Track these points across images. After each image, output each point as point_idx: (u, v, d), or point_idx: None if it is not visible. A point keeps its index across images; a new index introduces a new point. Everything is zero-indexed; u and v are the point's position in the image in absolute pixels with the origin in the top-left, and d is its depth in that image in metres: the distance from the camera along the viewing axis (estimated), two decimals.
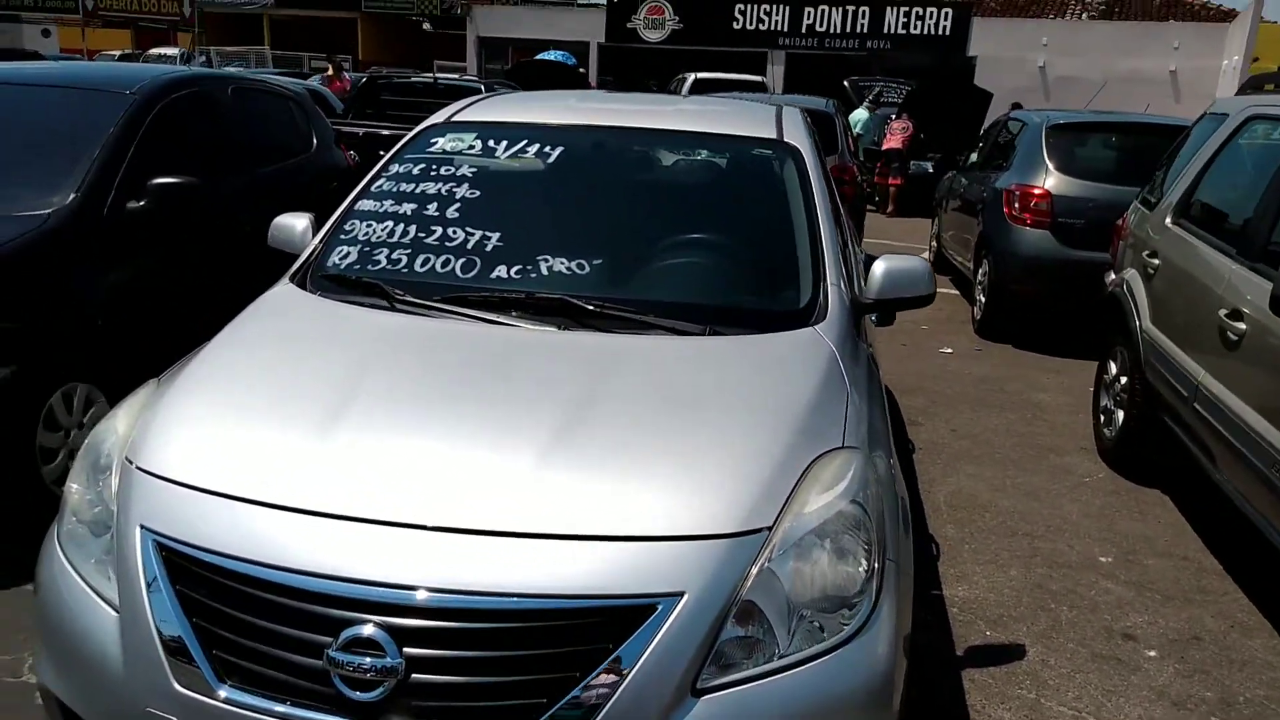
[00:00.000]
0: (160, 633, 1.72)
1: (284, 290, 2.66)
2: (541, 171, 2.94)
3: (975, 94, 14.99)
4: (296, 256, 3.02)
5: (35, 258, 3.52)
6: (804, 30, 24.24)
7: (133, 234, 3.95)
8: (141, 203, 3.97)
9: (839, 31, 24.00)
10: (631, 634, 1.62)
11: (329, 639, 1.63)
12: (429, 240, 2.70)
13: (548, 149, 2.96)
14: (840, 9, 23.99)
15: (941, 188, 9.99)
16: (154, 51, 33.49)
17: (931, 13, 23.37)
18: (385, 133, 8.60)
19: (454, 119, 3.21)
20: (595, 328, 2.38)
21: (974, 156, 9.11)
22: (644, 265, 2.71)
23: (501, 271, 2.59)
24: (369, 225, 2.81)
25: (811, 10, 24.22)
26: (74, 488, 2.04)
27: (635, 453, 1.89)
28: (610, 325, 2.38)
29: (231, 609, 1.70)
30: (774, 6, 24.46)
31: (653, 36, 25.37)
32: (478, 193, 2.84)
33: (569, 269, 2.58)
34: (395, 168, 3.02)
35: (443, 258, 2.65)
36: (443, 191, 2.86)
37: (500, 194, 2.90)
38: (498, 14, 29.47)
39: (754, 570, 1.71)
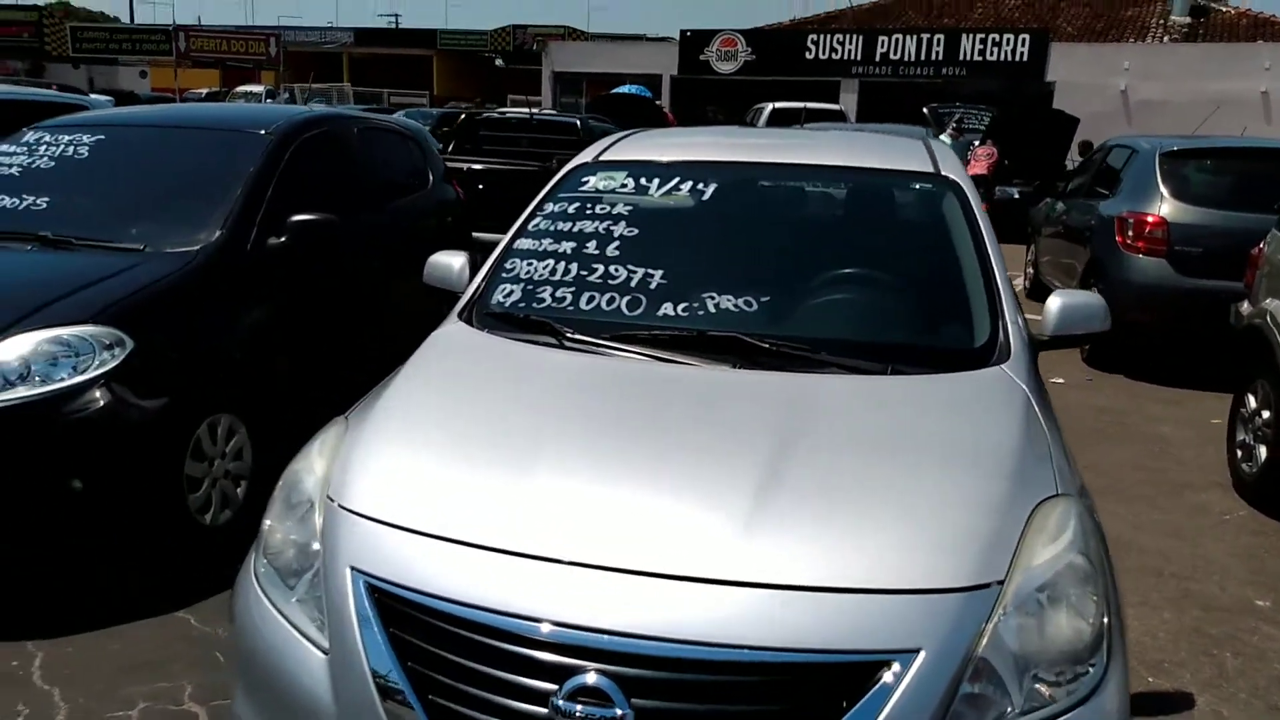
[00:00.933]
0: (374, 676, 1.71)
1: (455, 328, 2.68)
2: (697, 208, 2.93)
3: (1062, 120, 14.72)
4: (451, 293, 3.07)
5: (187, 293, 3.62)
6: (877, 59, 24.13)
7: (272, 270, 4.04)
8: (282, 239, 4.07)
9: (913, 59, 23.85)
10: (865, 692, 1.57)
11: (553, 687, 1.61)
12: (592, 278, 2.71)
13: (700, 186, 2.96)
14: (915, 37, 23.86)
15: (1037, 214, 9.79)
16: (240, 89, 34.74)
17: (1008, 39, 23.09)
18: (478, 167, 8.73)
19: (602, 158, 3.23)
20: (769, 366, 2.35)
21: (1073, 183, 8.92)
22: (810, 302, 2.67)
23: (668, 309, 2.58)
24: (530, 264, 2.82)
25: (885, 39, 24.13)
26: (273, 526, 2.06)
27: (851, 501, 1.84)
28: (785, 364, 2.35)
29: (448, 653, 1.68)
30: (847, 36, 24.44)
31: (725, 68, 25.51)
32: (636, 230, 2.84)
33: (736, 306, 2.56)
34: (550, 206, 3.04)
35: (607, 295, 2.65)
36: (600, 230, 2.87)
37: (658, 231, 2.90)
38: (572, 50, 29.98)
39: (988, 626, 1.65)
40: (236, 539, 3.75)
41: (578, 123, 9.11)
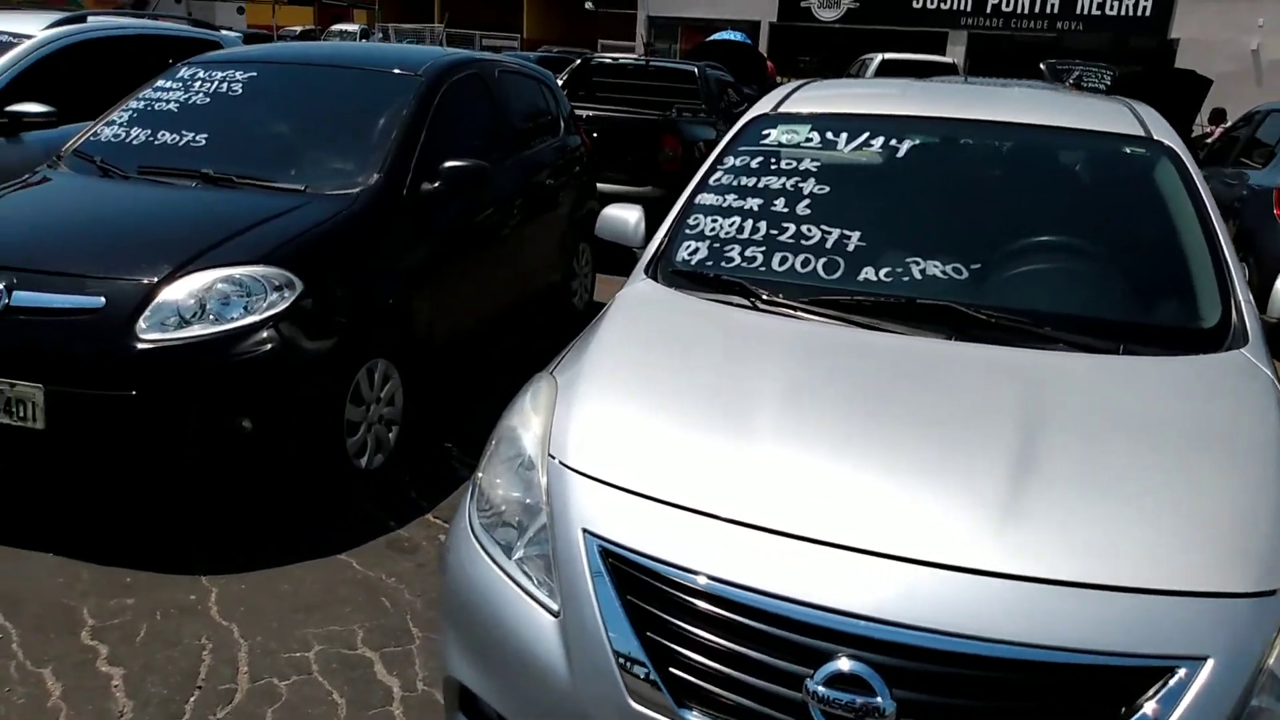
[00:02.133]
0: (612, 645, 1.68)
1: (645, 286, 2.61)
2: (890, 166, 2.80)
3: (1193, 80, 13.93)
4: (624, 247, 3.01)
5: (348, 236, 3.62)
6: (988, 10, 23.19)
7: (425, 215, 4.02)
8: (435, 184, 4.04)
9: (1026, 12, 22.85)
10: (1147, 699, 1.47)
11: (808, 670, 1.55)
12: (783, 238, 2.61)
13: (894, 142, 2.82)
14: None
15: None
16: (335, 28, 34.98)
17: None
18: (593, 115, 8.59)
19: (782, 110, 3.10)
20: (988, 339, 2.23)
21: (1209, 150, 8.44)
22: (1021, 271, 2.53)
23: (869, 273, 2.47)
24: (714, 220, 2.73)
25: None
26: (491, 481, 2.03)
27: (1115, 492, 1.73)
28: (1005, 337, 2.23)
29: (691, 626, 1.63)
30: None
31: (827, 16, 24.79)
32: (826, 188, 2.73)
33: (943, 273, 2.44)
34: (731, 160, 2.94)
35: (801, 256, 2.55)
36: (787, 186, 2.76)
37: (850, 189, 2.78)
38: None
39: (1277, 637, 1.53)
40: (388, 483, 3.80)
41: (695, 71, 8.91)
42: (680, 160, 7.60)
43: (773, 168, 2.84)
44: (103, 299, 3.09)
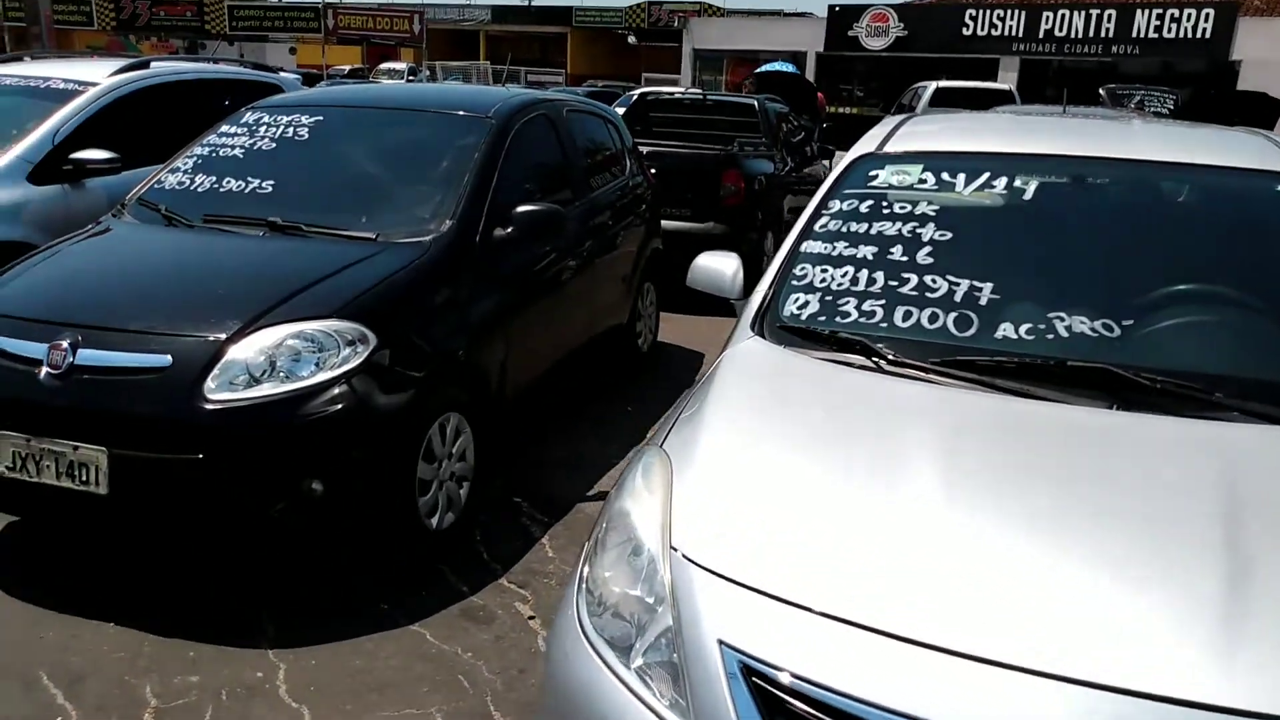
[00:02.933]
0: None
1: (754, 345, 2.39)
2: (1017, 209, 2.57)
3: (1265, 103, 13.49)
4: (722, 298, 2.81)
5: (422, 287, 3.46)
6: (1040, 35, 22.81)
7: (497, 262, 3.85)
8: (508, 230, 3.87)
9: (1080, 36, 22.43)
10: None
11: None
12: (904, 290, 2.38)
13: (1018, 182, 2.59)
14: (1083, 12, 22.41)
15: None
16: (383, 66, 35.56)
17: (1189, 14, 21.44)
18: (652, 150, 8.43)
19: (887, 149, 2.88)
20: (1154, 408, 1.97)
21: None
22: (1177, 324, 2.27)
23: (1007, 330, 2.23)
24: (824, 270, 2.51)
25: (1050, 14, 22.76)
26: (604, 576, 1.81)
27: None
28: (1173, 406, 1.97)
29: None
30: (1009, 11, 23.15)
31: (875, 44, 24.58)
32: (948, 234, 2.50)
33: (1092, 329, 2.19)
34: (836, 204, 2.72)
35: (927, 311, 2.31)
36: (904, 232, 2.53)
37: (976, 236, 2.55)
38: (713, 26, 29.41)
39: None
40: (458, 544, 3.60)
41: (755, 104, 8.73)
42: (743, 195, 7.41)
43: (885, 212, 2.62)
44: (169, 357, 2.94)
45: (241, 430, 2.89)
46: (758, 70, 18.49)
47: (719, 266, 2.79)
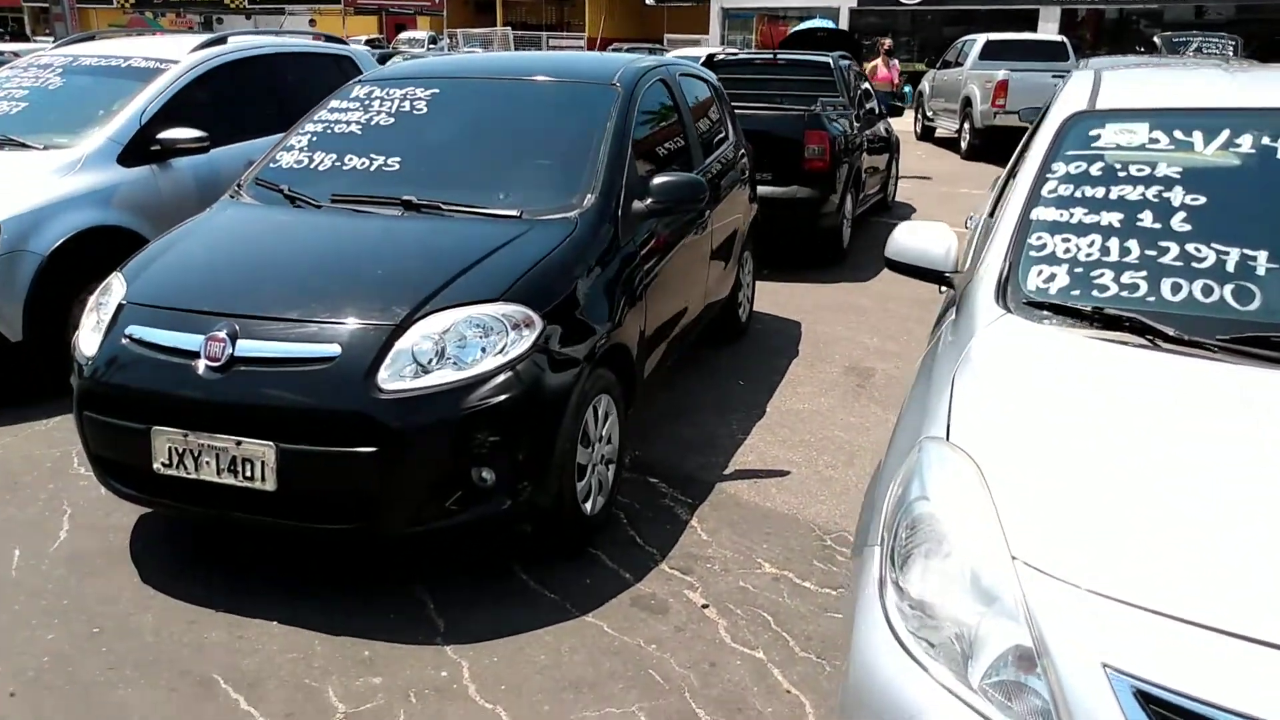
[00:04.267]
0: None
1: (1012, 323, 2.20)
2: (1271, 168, 2.36)
3: None
4: (920, 269, 2.63)
5: (574, 266, 3.29)
6: None
7: (637, 236, 3.67)
8: (646, 202, 3.69)
9: None
10: None
11: None
12: (1166, 260, 2.19)
13: (1269, 140, 2.38)
14: None
15: None
16: (404, 35, 35.15)
17: None
18: None
19: (1102, 107, 2.68)
20: None
21: None
22: None
23: None
24: (1065, 240, 2.33)
25: None
26: (925, 585, 1.65)
27: None
28: None
29: None
30: None
31: None
32: (1201, 198, 2.31)
33: None
34: (1061, 167, 2.52)
35: (1199, 283, 2.13)
36: (1149, 196, 2.34)
37: (1233, 198, 2.35)
38: None
39: None
40: (610, 528, 3.47)
41: (830, 62, 8.45)
42: (828, 157, 7.18)
43: (1120, 175, 2.43)
44: (338, 347, 2.80)
45: (418, 421, 2.76)
46: (796, 29, 18.11)
47: (928, 239, 2.60)
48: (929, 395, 2.10)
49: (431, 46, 31.87)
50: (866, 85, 9.68)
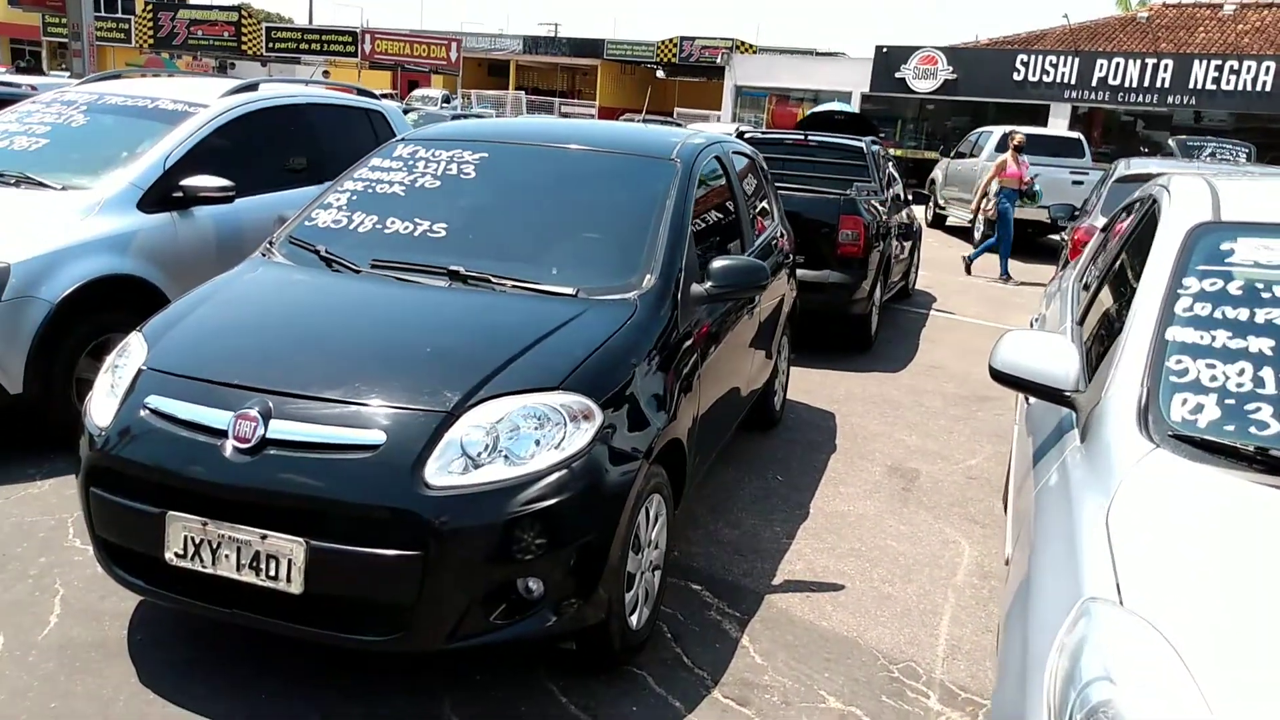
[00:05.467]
0: None
1: (1166, 463, 1.94)
2: None
3: None
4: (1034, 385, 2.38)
5: (635, 353, 3.03)
6: (1094, 83, 22.53)
7: (690, 321, 3.42)
8: (707, 286, 3.46)
9: (1135, 85, 22.14)
10: None
11: None
12: None
13: None
14: (1138, 61, 22.15)
15: None
16: (417, 93, 35.45)
17: (1249, 66, 21.14)
18: None
19: (1227, 218, 2.49)
20: None
21: None
22: None
23: None
24: (1210, 366, 2.10)
25: (1104, 62, 22.49)
26: None
27: None
28: None
29: None
30: (1060, 58, 22.89)
31: (923, 87, 24.33)
32: None
33: None
34: (1195, 284, 2.30)
35: None
36: None
37: None
38: (756, 63, 29.18)
39: None
40: (653, 643, 3.15)
41: (863, 147, 8.35)
42: (862, 243, 7.01)
43: (1265, 296, 2.20)
44: (382, 434, 2.52)
45: (468, 523, 2.47)
46: (814, 110, 18.23)
47: (1047, 356, 2.36)
48: (1075, 541, 1.84)
49: (445, 105, 32.14)
50: (891, 170, 9.59)
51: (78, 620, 3.06)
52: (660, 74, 45.75)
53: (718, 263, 3.49)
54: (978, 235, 13.49)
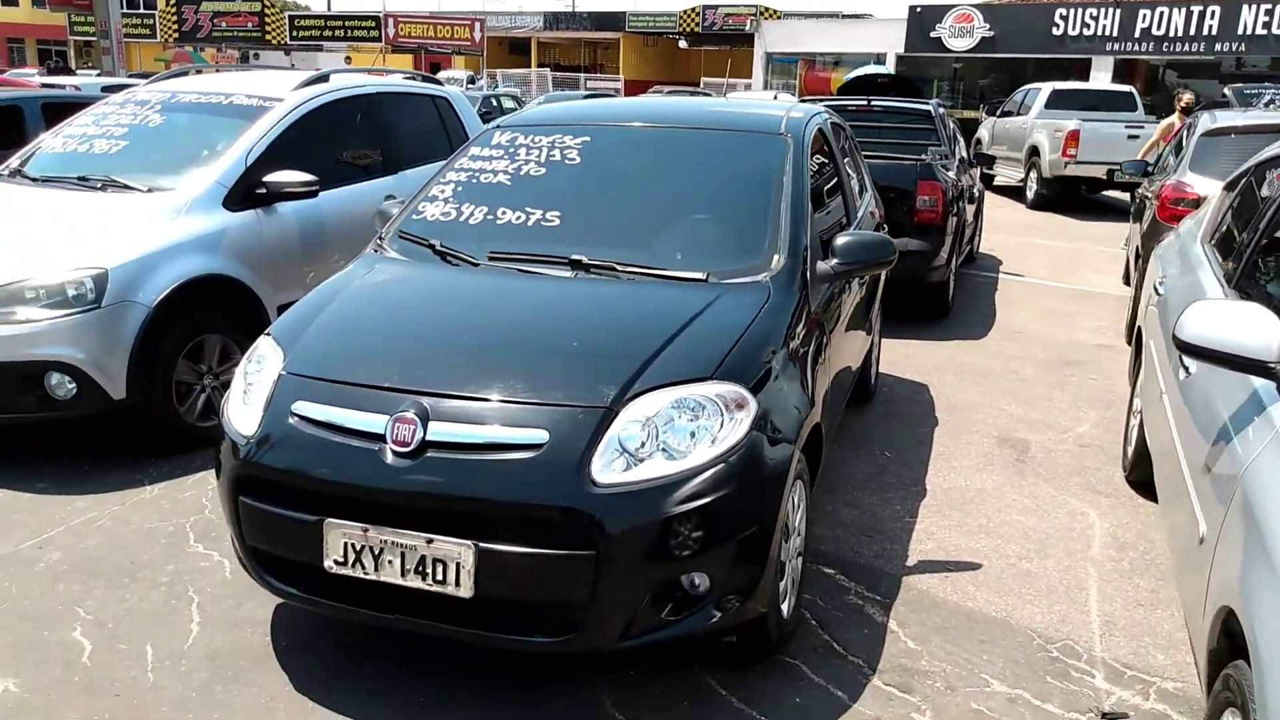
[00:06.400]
0: None
1: None
2: None
3: None
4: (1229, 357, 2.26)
5: (777, 336, 2.93)
6: (1137, 34, 21.98)
7: (818, 300, 3.32)
8: (831, 263, 3.35)
9: (1180, 34, 21.57)
10: None
11: None
12: None
13: None
14: (1183, 9, 21.55)
15: None
16: (443, 75, 35.30)
17: None
18: None
19: None
20: None
21: None
22: None
23: None
24: None
25: (1147, 11, 21.92)
26: None
27: None
28: None
29: None
30: (1102, 10, 22.34)
31: (959, 45, 23.86)
32: None
33: None
34: None
35: None
36: None
37: None
38: (786, 28, 28.75)
39: None
40: (801, 630, 3.08)
41: (931, 110, 8.16)
42: (940, 209, 6.84)
43: None
44: (545, 433, 2.45)
45: (637, 520, 2.39)
46: (854, 74, 17.90)
47: (1244, 328, 2.23)
48: None
49: (470, 86, 31.96)
50: (955, 132, 9.37)
51: (219, 628, 3.03)
52: (683, 44, 45.30)
53: (842, 239, 3.38)
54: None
